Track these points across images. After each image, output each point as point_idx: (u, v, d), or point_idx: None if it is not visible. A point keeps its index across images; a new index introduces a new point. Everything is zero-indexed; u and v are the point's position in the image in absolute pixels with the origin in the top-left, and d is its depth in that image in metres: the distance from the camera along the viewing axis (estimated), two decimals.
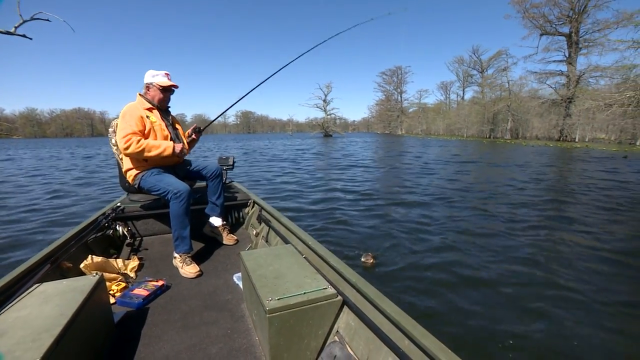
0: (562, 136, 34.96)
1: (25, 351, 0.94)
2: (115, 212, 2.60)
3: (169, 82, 2.35)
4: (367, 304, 1.23)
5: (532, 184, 8.29)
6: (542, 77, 37.31)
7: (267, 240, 2.45)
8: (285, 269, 1.53)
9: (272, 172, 10.90)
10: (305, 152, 20.98)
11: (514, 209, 5.57)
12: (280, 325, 1.23)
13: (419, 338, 0.96)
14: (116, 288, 1.86)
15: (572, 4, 33.94)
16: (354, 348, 1.24)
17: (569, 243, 3.97)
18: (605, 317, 2.46)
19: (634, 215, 5.35)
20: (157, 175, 2.27)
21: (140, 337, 1.49)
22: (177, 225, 2.16)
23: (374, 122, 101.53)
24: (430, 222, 4.76)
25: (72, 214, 5.41)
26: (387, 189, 7.63)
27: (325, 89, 61.79)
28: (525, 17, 37.26)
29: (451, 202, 6.14)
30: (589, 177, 9.52)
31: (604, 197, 6.72)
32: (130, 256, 2.35)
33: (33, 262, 1.57)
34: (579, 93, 33.07)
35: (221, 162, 3.10)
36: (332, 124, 64.65)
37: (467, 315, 2.45)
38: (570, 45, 34.95)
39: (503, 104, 42.31)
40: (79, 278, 1.46)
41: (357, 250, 3.60)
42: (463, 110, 54.71)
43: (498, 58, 48.56)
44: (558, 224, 4.74)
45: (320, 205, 5.90)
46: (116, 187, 7.94)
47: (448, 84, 73.19)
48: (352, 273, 1.38)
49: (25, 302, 1.23)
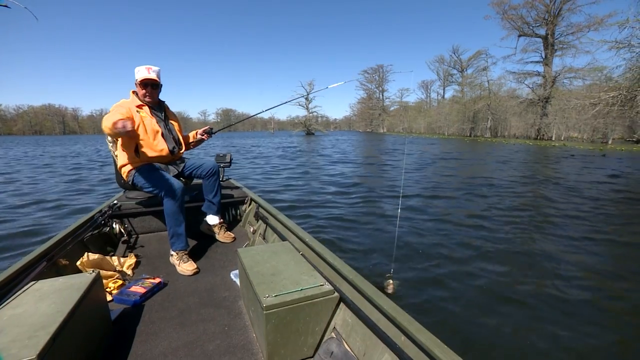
0: (539, 135, 36.26)
1: (21, 348, 0.93)
2: (112, 210, 2.56)
3: (145, 75, 2.26)
4: (364, 301, 1.23)
5: (560, 188, 8.04)
6: (521, 77, 38.58)
7: (264, 238, 2.45)
8: (282, 265, 1.53)
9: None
10: (302, 151, 20.60)
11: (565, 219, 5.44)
12: (277, 322, 1.23)
13: (415, 334, 0.96)
14: (113, 285, 1.85)
15: (548, 7, 35.25)
16: (350, 344, 1.24)
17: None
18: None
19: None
20: (150, 172, 2.26)
21: (137, 334, 1.48)
22: (172, 223, 2.16)
23: (356, 121, 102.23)
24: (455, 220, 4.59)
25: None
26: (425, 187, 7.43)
27: (308, 87, 61.30)
28: (504, 18, 38.40)
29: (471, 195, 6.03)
30: (590, 177, 9.73)
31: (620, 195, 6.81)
32: (127, 253, 2.33)
33: (29, 260, 1.55)
34: (554, 93, 34.51)
35: (218, 160, 3.06)
36: (314, 122, 64.39)
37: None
38: (547, 46, 36.26)
39: (483, 103, 43.43)
40: (75, 275, 1.45)
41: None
42: (444, 109, 55.81)
43: (477, 58, 49.82)
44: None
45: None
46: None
47: (429, 82, 74.72)
48: (349, 270, 1.38)
49: (21, 300, 1.22)
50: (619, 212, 5.66)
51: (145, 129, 2.27)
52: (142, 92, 2.31)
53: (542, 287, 2.89)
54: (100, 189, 7.62)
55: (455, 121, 50.19)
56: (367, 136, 52.73)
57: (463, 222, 4.77)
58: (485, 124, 44.86)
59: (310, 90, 60.62)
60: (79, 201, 6.30)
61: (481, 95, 45.68)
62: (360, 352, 1.19)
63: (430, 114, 62.14)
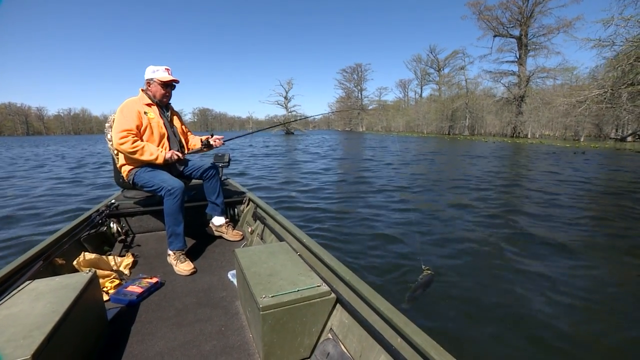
0: (515, 132, 37.52)
1: (15, 348, 0.92)
2: (109, 209, 2.55)
3: (170, 77, 2.33)
4: (361, 302, 1.23)
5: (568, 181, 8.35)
6: (497, 76, 39.90)
7: (262, 238, 2.45)
8: (279, 266, 1.53)
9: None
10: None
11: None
12: (274, 322, 1.23)
13: (410, 335, 0.95)
14: (110, 285, 1.84)
15: (521, 9, 36.59)
16: (347, 345, 1.24)
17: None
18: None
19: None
20: (151, 171, 2.26)
21: (133, 334, 1.47)
22: (171, 223, 2.16)
23: (335, 120, 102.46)
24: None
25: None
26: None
27: (287, 86, 60.00)
28: (480, 18, 39.58)
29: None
30: (583, 173, 9.81)
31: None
32: (124, 253, 2.32)
33: (25, 259, 1.55)
34: (529, 92, 35.86)
35: (217, 160, 3.04)
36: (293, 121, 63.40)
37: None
38: (521, 46, 37.59)
39: (461, 102, 44.46)
40: (71, 275, 1.45)
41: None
42: (422, 107, 56.78)
43: (454, 57, 51.02)
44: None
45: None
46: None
47: (407, 81, 75.92)
48: (345, 271, 1.37)
49: (16, 299, 1.21)
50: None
51: (152, 130, 2.28)
52: (162, 92, 2.34)
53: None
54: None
55: (433, 120, 51.12)
56: (348, 135, 52.63)
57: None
58: (463, 122, 45.96)
59: (289, 89, 59.61)
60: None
61: (459, 94, 46.77)
62: (356, 353, 1.18)
63: (409, 113, 63.10)
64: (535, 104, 35.38)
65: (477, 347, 2.05)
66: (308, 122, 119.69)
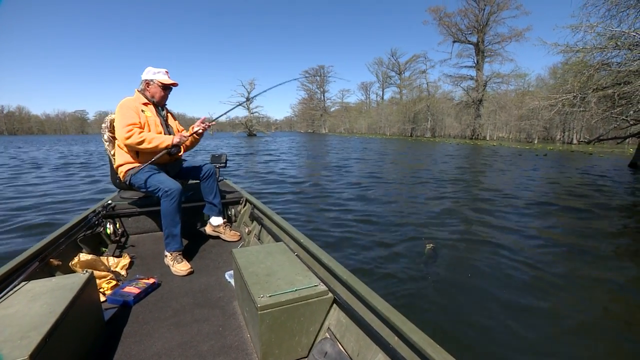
0: (474, 135, 39.02)
1: (13, 349, 0.91)
2: (106, 210, 2.52)
3: (170, 80, 2.36)
4: (358, 301, 1.22)
5: (539, 181, 7.84)
6: (456, 80, 41.31)
7: (259, 238, 2.44)
8: (276, 266, 1.52)
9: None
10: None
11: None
12: (272, 322, 1.23)
13: (407, 334, 0.96)
14: (107, 286, 1.81)
15: (478, 17, 38.21)
16: (344, 345, 1.23)
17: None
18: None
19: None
20: (148, 172, 2.23)
21: (131, 335, 1.45)
22: (168, 224, 2.14)
23: (297, 121, 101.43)
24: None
25: None
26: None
27: (249, 86, 57.62)
28: (440, 24, 40.76)
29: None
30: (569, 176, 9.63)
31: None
32: (120, 254, 2.30)
33: (21, 260, 1.53)
34: (486, 96, 37.58)
35: (214, 160, 3.06)
36: (255, 122, 61.18)
37: None
38: (478, 52, 39.23)
39: (423, 104, 45.55)
40: (68, 276, 1.44)
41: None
42: (384, 109, 57.57)
43: (415, 61, 52.27)
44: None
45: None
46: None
47: (368, 84, 76.81)
48: (343, 270, 1.36)
49: (12, 300, 1.19)
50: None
51: (150, 129, 2.28)
52: (162, 94, 2.38)
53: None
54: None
55: (396, 122, 51.94)
56: (311, 137, 51.75)
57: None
58: (425, 124, 47.09)
59: (251, 90, 57.29)
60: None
61: (420, 96, 47.91)
62: (354, 353, 1.18)
63: (371, 115, 63.80)
64: (492, 107, 37.13)
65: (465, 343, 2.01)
66: (270, 124, 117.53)
